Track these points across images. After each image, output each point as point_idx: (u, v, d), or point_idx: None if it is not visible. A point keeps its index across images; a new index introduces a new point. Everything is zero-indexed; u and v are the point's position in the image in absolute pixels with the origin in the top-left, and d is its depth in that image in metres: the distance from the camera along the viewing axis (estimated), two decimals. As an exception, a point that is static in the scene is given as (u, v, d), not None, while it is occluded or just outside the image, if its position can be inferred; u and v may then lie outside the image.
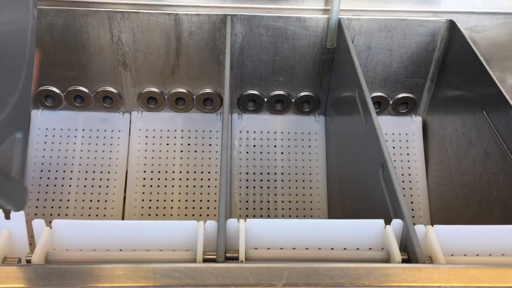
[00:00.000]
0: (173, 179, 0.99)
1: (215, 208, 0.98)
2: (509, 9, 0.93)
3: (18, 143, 0.48)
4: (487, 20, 0.90)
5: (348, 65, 0.81)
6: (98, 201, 0.97)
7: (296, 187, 1.00)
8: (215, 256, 0.49)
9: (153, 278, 0.44)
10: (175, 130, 1.03)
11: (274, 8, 0.91)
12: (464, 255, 0.52)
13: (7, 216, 0.50)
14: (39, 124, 1.01)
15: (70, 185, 0.98)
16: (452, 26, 0.90)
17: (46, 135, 1.00)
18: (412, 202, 0.98)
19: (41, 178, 0.98)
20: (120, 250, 0.51)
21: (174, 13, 0.89)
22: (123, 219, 0.95)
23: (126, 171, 0.99)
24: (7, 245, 0.51)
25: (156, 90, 0.99)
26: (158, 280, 0.44)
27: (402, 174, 1.00)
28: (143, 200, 0.97)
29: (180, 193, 0.98)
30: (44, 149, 1.00)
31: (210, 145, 1.02)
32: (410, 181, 1.00)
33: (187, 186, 0.99)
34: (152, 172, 0.99)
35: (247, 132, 1.04)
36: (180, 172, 1.00)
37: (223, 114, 0.70)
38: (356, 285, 0.44)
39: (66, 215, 0.95)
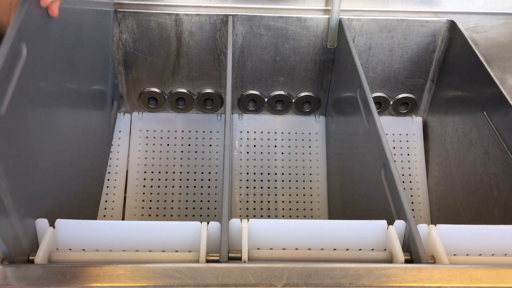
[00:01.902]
0: (173, 179, 0.99)
1: (215, 208, 0.98)
2: (509, 9, 0.93)
3: None
4: (488, 21, 0.90)
5: (349, 65, 0.81)
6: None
7: (296, 187, 1.00)
8: (218, 258, 0.49)
9: (153, 278, 0.44)
10: (176, 131, 1.03)
11: (274, 8, 0.91)
12: (467, 254, 0.52)
13: None
14: (39, 124, 1.01)
15: (70, 185, 0.97)
16: (452, 26, 0.90)
17: (46, 135, 1.00)
18: (412, 202, 0.98)
19: (41, 178, 0.97)
20: (123, 250, 0.51)
21: (175, 13, 0.89)
22: (123, 219, 0.95)
23: (127, 171, 0.99)
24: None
25: (157, 90, 0.99)
26: (158, 280, 0.44)
27: (403, 175, 1.00)
28: (143, 200, 0.97)
29: (180, 194, 0.98)
30: (44, 149, 0.99)
31: (210, 145, 1.02)
32: (410, 181, 1.00)
33: (187, 187, 0.99)
34: (152, 172, 0.99)
35: (248, 132, 1.04)
36: (180, 172, 1.00)
37: (225, 114, 0.70)
38: (356, 285, 0.45)
39: (66, 215, 0.95)
